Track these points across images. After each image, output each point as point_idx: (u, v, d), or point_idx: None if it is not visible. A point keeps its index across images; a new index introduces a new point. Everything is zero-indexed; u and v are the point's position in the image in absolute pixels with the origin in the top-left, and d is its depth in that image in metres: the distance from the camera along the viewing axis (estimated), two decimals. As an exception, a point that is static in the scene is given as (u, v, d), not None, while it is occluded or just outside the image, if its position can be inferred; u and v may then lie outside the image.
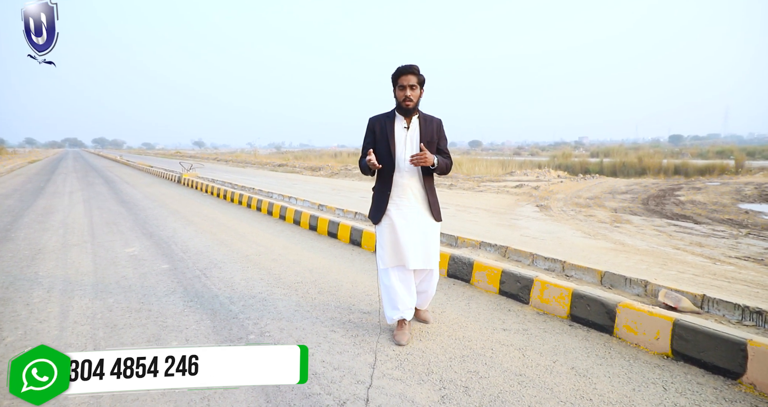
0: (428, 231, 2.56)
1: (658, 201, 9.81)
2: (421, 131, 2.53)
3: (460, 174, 17.24)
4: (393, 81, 2.49)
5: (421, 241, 2.54)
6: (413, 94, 2.44)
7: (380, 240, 2.59)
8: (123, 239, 5.38)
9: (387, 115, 2.59)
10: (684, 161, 21.68)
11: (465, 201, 8.87)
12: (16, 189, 12.16)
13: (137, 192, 11.05)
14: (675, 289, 2.94)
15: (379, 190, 2.60)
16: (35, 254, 4.64)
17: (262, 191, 10.01)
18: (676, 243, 5.04)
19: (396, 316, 2.58)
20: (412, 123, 2.54)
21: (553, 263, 3.73)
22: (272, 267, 4.12)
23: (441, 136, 2.62)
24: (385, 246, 2.56)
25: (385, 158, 2.53)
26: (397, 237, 2.52)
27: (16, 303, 3.17)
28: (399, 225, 2.52)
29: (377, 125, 2.57)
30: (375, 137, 2.57)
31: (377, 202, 2.60)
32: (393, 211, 2.54)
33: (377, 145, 2.55)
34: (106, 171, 20.43)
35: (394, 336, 2.60)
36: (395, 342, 2.56)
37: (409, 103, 2.45)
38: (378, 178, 2.62)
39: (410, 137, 2.52)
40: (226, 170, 21.33)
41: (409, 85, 2.42)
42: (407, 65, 2.42)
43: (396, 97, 2.50)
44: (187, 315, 2.96)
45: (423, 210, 2.56)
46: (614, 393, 2.03)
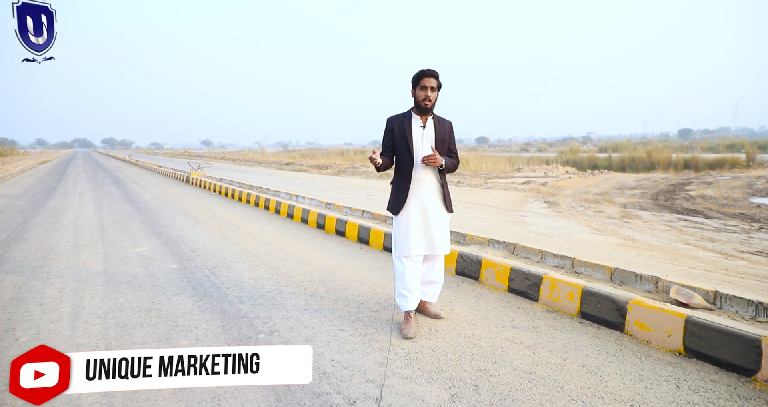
0: (443, 220, 2.79)
1: (668, 196, 9.71)
2: (435, 130, 2.73)
3: (467, 171, 17.18)
4: (414, 81, 2.67)
5: (438, 229, 2.75)
6: (432, 95, 2.64)
7: (397, 230, 2.78)
8: (133, 239, 5.43)
9: (404, 114, 2.78)
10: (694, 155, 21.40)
11: (472, 198, 8.84)
12: (27, 189, 12.32)
13: (146, 191, 11.14)
14: (687, 285, 2.91)
15: (399, 183, 2.79)
16: (47, 254, 4.70)
17: (269, 190, 10.05)
18: (686, 239, 4.98)
19: (406, 307, 2.75)
20: (427, 123, 2.73)
21: (563, 260, 3.71)
22: (281, 266, 4.14)
23: (452, 137, 2.84)
24: (401, 236, 2.75)
25: (405, 154, 2.73)
26: (414, 227, 2.72)
27: (29, 303, 3.21)
28: (416, 216, 2.73)
29: (396, 124, 2.76)
30: (394, 135, 2.76)
31: (396, 194, 2.79)
32: (411, 203, 2.74)
33: (396, 142, 2.75)
34: (116, 171, 20.62)
35: (401, 330, 2.69)
36: (402, 336, 2.64)
37: (428, 103, 2.65)
38: (397, 172, 2.81)
39: (426, 135, 2.72)
40: (233, 169, 21.45)
41: (430, 86, 2.63)
42: (430, 69, 2.64)
43: (415, 97, 2.69)
44: (197, 314, 2.98)
45: (438, 201, 2.78)
46: (626, 390, 2.01)
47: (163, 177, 16.59)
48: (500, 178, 13.80)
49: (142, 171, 20.86)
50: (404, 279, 2.76)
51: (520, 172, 15.92)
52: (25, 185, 13.95)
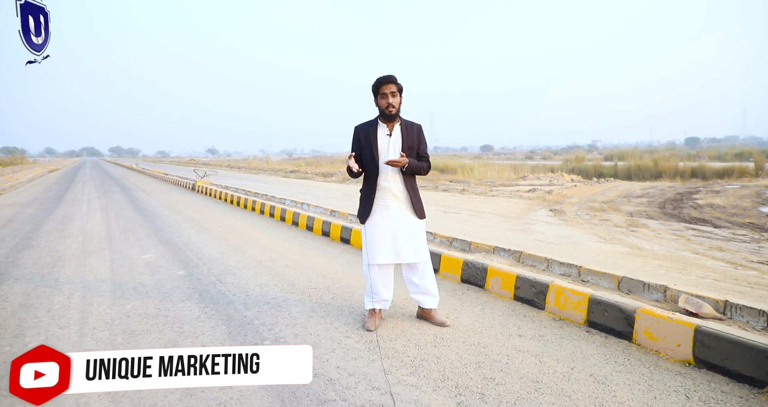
0: (413, 227, 2.78)
1: (676, 204, 9.64)
2: (403, 137, 2.74)
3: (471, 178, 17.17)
4: (374, 91, 2.70)
5: (408, 237, 2.76)
6: (395, 100, 2.66)
7: (365, 238, 2.82)
8: (139, 246, 5.47)
9: (370, 122, 2.80)
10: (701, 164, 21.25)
11: (477, 206, 8.82)
12: (36, 197, 12.45)
13: (153, 199, 11.23)
14: (696, 295, 2.88)
15: (366, 193, 2.83)
16: (56, 261, 4.74)
17: (274, 197, 10.10)
18: (695, 248, 4.94)
19: (369, 305, 2.87)
20: (394, 130, 2.75)
21: (569, 268, 3.69)
22: (286, 273, 4.14)
23: (421, 141, 2.84)
24: (369, 244, 2.79)
25: (370, 163, 2.75)
26: (381, 236, 2.76)
27: (38, 310, 3.24)
28: (383, 225, 2.76)
29: (362, 133, 2.79)
30: (360, 144, 2.78)
31: (364, 203, 2.83)
32: (378, 212, 2.77)
33: (363, 151, 2.77)
34: (123, 179, 20.82)
35: (364, 324, 2.84)
36: (365, 328, 2.79)
37: (392, 109, 2.67)
38: (364, 181, 2.85)
39: (393, 143, 2.74)
40: (239, 177, 21.58)
41: (390, 92, 2.64)
42: (386, 75, 2.66)
43: (378, 106, 2.71)
44: (203, 321, 2.99)
45: (406, 210, 2.79)
46: (634, 401, 1.99)
47: (170, 185, 16.72)
48: (505, 185, 13.77)
49: (148, 179, 21.03)
50: (372, 285, 2.84)
51: (525, 180, 15.89)
52: (34, 193, 14.11)
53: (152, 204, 10.18)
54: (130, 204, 10.24)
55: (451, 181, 16.28)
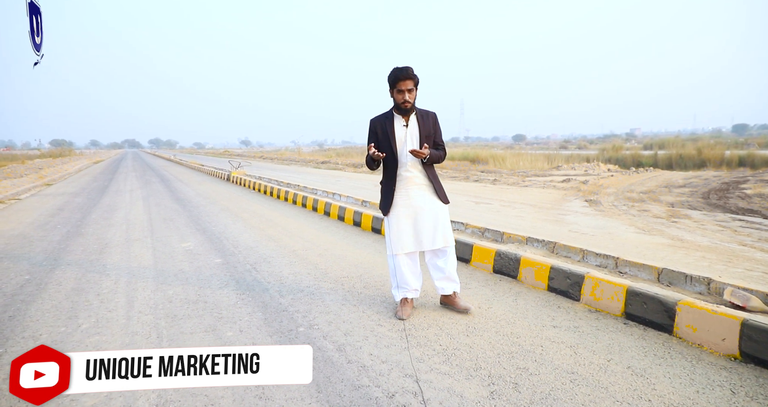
0: (438, 212, 2.81)
1: (721, 194, 9.17)
2: (419, 127, 2.77)
3: (503, 169, 16.86)
4: (390, 84, 2.69)
5: (433, 224, 2.79)
6: (411, 96, 2.68)
7: (389, 229, 2.86)
8: (179, 234, 5.69)
9: (386, 115, 2.83)
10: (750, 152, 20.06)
11: (510, 196, 8.68)
12: (84, 187, 13.13)
13: (190, 189, 11.62)
14: (742, 287, 2.75)
15: (386, 184, 2.87)
16: (103, 248, 5.00)
17: (306, 188, 10.25)
18: (742, 240, 4.70)
19: (400, 295, 2.89)
20: (410, 120, 2.78)
21: (606, 259, 3.59)
22: (319, 262, 4.22)
23: (437, 130, 2.86)
24: (393, 235, 2.83)
25: (389, 155, 2.78)
26: (405, 226, 2.80)
27: (89, 293, 3.44)
28: (406, 214, 2.80)
29: (378, 126, 2.82)
30: (378, 137, 2.82)
31: (385, 195, 2.87)
32: (399, 203, 2.81)
33: (380, 144, 2.81)
34: (162, 170, 21.60)
35: (396, 313, 2.86)
36: (397, 317, 2.82)
37: (407, 104, 2.69)
38: (383, 173, 2.89)
39: (410, 134, 2.77)
40: (271, 168, 22.00)
41: (407, 89, 2.66)
42: (403, 71, 2.63)
43: (394, 99, 2.74)
44: (240, 307, 3.10)
45: (431, 196, 2.82)
46: (675, 394, 1.93)
47: (206, 175, 17.24)
48: (538, 176, 13.46)
49: (185, 169, 21.75)
50: (397, 275, 2.87)
51: (560, 170, 15.47)
52: (81, 183, 14.86)
53: (190, 194, 10.55)
54: (169, 194, 10.64)
55: (482, 171, 16.04)
